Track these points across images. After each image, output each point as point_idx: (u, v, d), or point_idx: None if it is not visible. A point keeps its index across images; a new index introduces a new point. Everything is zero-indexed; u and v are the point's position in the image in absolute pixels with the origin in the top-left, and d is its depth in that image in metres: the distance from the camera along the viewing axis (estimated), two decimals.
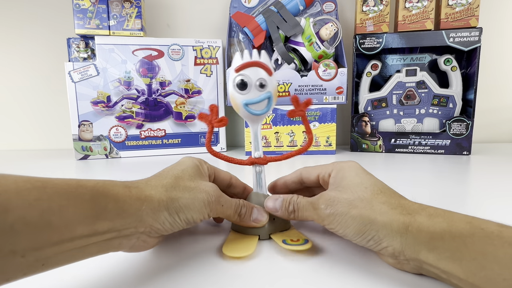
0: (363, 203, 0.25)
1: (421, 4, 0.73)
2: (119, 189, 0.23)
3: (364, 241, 0.25)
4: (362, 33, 0.77)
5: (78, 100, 0.74)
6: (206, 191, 0.27)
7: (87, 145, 0.76)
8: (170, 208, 0.25)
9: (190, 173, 0.28)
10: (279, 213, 0.30)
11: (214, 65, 0.81)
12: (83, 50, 0.77)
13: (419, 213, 0.24)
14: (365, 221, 0.24)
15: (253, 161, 0.33)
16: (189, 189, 0.27)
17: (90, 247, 0.21)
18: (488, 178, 0.55)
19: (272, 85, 0.30)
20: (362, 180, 0.28)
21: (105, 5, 0.75)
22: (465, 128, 0.73)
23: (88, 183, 0.22)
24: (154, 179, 0.27)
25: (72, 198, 0.20)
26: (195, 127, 0.82)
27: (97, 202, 0.21)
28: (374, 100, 0.79)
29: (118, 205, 0.22)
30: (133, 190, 0.24)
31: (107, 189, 0.22)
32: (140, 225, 0.23)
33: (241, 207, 0.30)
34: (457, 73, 0.74)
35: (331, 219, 0.26)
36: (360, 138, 0.80)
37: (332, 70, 0.74)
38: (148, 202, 0.24)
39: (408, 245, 0.23)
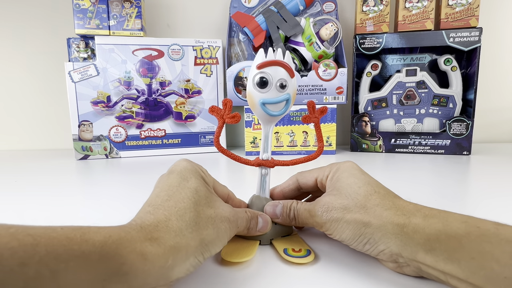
0: (357, 207, 0.25)
1: (421, 4, 0.73)
2: (137, 244, 0.18)
3: (361, 245, 0.25)
4: (362, 33, 0.77)
5: (78, 100, 0.74)
6: (226, 218, 0.25)
7: (87, 145, 0.76)
8: (197, 252, 0.22)
9: (205, 193, 0.25)
10: (280, 220, 0.30)
11: (214, 65, 0.81)
12: (83, 50, 0.77)
13: (414, 214, 0.23)
14: (359, 225, 0.24)
15: (260, 162, 0.32)
16: (211, 220, 0.23)
17: None
18: (488, 178, 0.55)
19: (293, 87, 0.29)
20: (356, 180, 0.27)
21: (105, 5, 0.74)
22: (465, 128, 0.73)
23: (96, 237, 0.17)
24: (173, 214, 0.22)
25: (73, 260, 0.15)
26: (195, 127, 0.82)
27: (108, 263, 0.17)
28: (374, 100, 0.79)
29: (137, 266, 0.18)
30: (154, 244, 0.19)
31: (122, 246, 0.18)
32: (162, 282, 0.20)
33: (250, 220, 0.28)
34: (457, 73, 0.74)
35: (328, 225, 0.26)
36: (360, 138, 0.80)
37: (332, 70, 0.74)
38: (174, 254, 0.20)
39: (405, 247, 0.22)
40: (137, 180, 0.58)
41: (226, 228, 0.24)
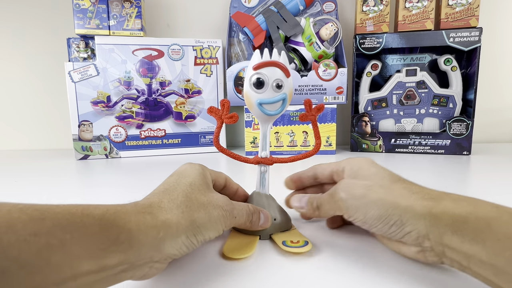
0: (383, 189, 0.25)
1: (421, 4, 0.73)
2: (132, 216, 0.21)
3: (386, 227, 0.24)
4: (362, 33, 0.77)
5: (78, 100, 0.74)
6: (219, 206, 0.26)
7: (87, 145, 0.76)
8: (188, 231, 0.23)
9: (198, 186, 0.26)
10: (305, 210, 0.30)
11: (214, 65, 0.81)
12: (83, 50, 0.77)
13: (443, 198, 0.23)
14: (387, 205, 0.24)
15: (259, 160, 0.33)
16: (203, 206, 0.25)
17: (98, 282, 0.18)
18: (488, 178, 0.55)
19: (289, 86, 0.30)
20: (379, 170, 0.27)
21: (105, 5, 0.75)
22: (465, 128, 0.73)
23: (95, 211, 0.19)
24: (166, 198, 0.24)
25: (76, 231, 0.17)
26: (195, 127, 0.82)
27: (107, 233, 0.19)
28: (374, 100, 0.79)
29: (132, 235, 0.20)
30: (147, 217, 0.22)
31: (118, 217, 0.20)
32: (156, 254, 0.21)
33: (252, 214, 0.29)
34: (457, 73, 0.74)
35: (349, 203, 0.26)
36: (360, 138, 0.80)
37: (332, 70, 0.74)
38: (165, 228, 0.22)
39: (432, 228, 0.22)
40: (137, 180, 0.58)
41: (219, 215, 0.25)
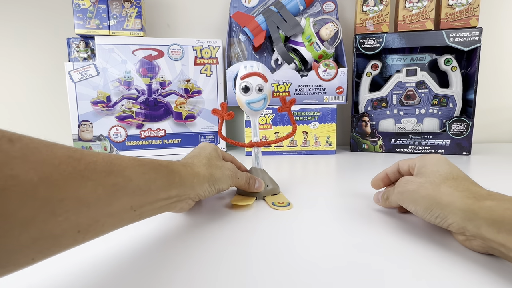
0: (432, 186, 0.29)
1: (421, 4, 0.73)
2: (180, 167, 0.32)
3: (433, 218, 0.29)
4: (362, 33, 0.77)
5: (78, 100, 0.74)
6: (229, 168, 0.38)
7: (87, 145, 0.76)
8: (210, 181, 0.35)
9: (215, 156, 0.38)
10: (381, 202, 0.38)
11: (214, 65, 0.81)
12: (83, 50, 0.77)
13: (485, 197, 0.26)
14: (431, 200, 0.29)
15: (253, 144, 0.45)
16: (218, 167, 0.37)
17: (164, 207, 0.29)
18: (488, 178, 0.55)
19: (267, 89, 0.42)
20: (439, 168, 0.31)
21: (105, 5, 0.74)
22: (465, 128, 0.73)
23: (163, 163, 0.29)
24: (196, 159, 0.36)
25: (158, 173, 0.28)
26: (195, 127, 0.82)
27: (171, 176, 0.29)
28: (374, 100, 0.79)
29: (181, 179, 0.31)
30: (188, 168, 0.33)
31: (175, 167, 0.31)
32: (192, 192, 0.32)
33: (249, 178, 0.41)
34: (457, 73, 0.74)
35: (404, 196, 0.32)
36: (360, 138, 0.80)
37: (332, 70, 0.74)
38: (197, 177, 0.33)
39: (470, 221, 0.25)
40: None
41: (228, 174, 0.37)
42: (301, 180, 0.54)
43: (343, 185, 0.51)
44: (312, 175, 0.58)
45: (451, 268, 0.25)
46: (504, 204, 0.24)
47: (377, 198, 0.39)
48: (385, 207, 0.38)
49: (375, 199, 0.39)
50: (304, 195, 0.45)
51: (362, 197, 0.43)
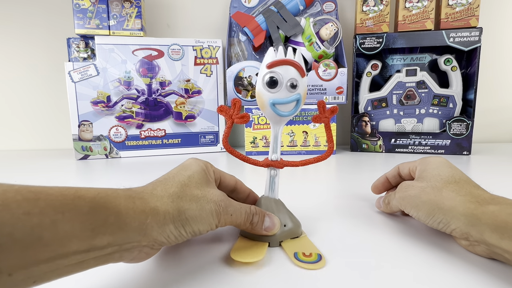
0: (434, 190, 0.29)
1: (421, 4, 0.73)
2: (121, 200, 0.22)
3: (435, 223, 0.28)
4: (362, 33, 0.77)
5: (78, 100, 0.74)
6: (214, 200, 0.26)
7: (87, 145, 0.76)
8: (176, 221, 0.24)
9: (197, 180, 0.27)
10: (382, 207, 0.36)
11: (214, 65, 0.81)
12: (83, 50, 0.77)
13: (488, 202, 0.25)
14: (433, 205, 0.28)
15: (269, 163, 0.31)
16: (196, 198, 0.25)
17: (88, 262, 0.19)
18: (488, 178, 0.55)
19: (303, 87, 0.29)
20: (441, 172, 0.30)
21: (105, 5, 0.74)
22: (465, 128, 0.73)
23: (87, 194, 0.20)
24: (160, 187, 0.25)
25: (67, 211, 0.18)
26: (195, 127, 0.82)
27: (96, 215, 0.20)
28: (374, 100, 0.79)
29: (120, 218, 0.21)
30: (137, 202, 0.22)
31: (109, 201, 0.21)
32: (143, 239, 0.22)
33: (252, 215, 0.28)
34: (457, 73, 0.74)
35: (406, 201, 0.31)
36: (360, 138, 0.80)
37: (332, 70, 0.74)
38: (153, 215, 0.23)
39: (473, 226, 0.25)
40: (137, 180, 0.58)
41: (211, 209, 0.26)
42: (305, 190, 0.54)
43: (344, 186, 0.51)
44: (315, 180, 0.58)
45: (454, 272, 0.25)
46: (507, 209, 0.24)
47: (378, 204, 0.38)
48: (386, 212, 0.37)
49: (376, 204, 0.38)
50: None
51: (362, 199, 0.43)
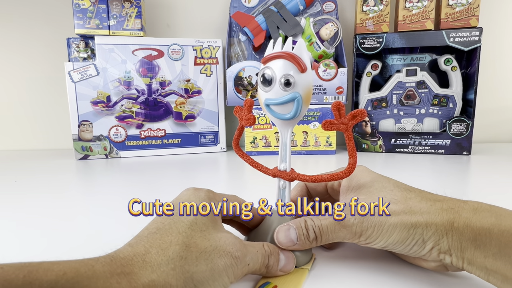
0: (399, 206, 0.23)
1: (421, 4, 0.73)
2: (99, 283, 0.15)
3: (408, 248, 0.23)
4: (362, 33, 0.77)
5: (78, 100, 0.74)
6: (227, 252, 0.20)
7: (87, 145, 0.76)
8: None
9: (201, 226, 0.21)
10: (297, 245, 0.24)
11: (214, 65, 0.81)
12: (83, 50, 0.77)
13: (462, 208, 0.22)
14: (407, 226, 0.22)
15: (276, 173, 0.27)
16: (204, 254, 0.19)
17: None
18: (488, 178, 0.55)
19: (303, 84, 0.23)
20: (383, 183, 0.25)
21: (105, 5, 0.74)
22: (465, 128, 0.73)
23: (45, 276, 0.14)
24: (155, 247, 0.19)
25: None
26: (195, 127, 0.82)
27: None
28: (374, 100, 0.79)
29: None
30: (123, 281, 0.16)
31: (79, 285, 0.14)
32: None
33: (268, 257, 0.23)
34: (457, 73, 0.74)
35: (369, 233, 0.23)
36: (360, 138, 0.80)
37: (332, 70, 0.74)
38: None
39: (454, 243, 0.21)
40: (137, 180, 0.58)
41: (226, 265, 0.20)
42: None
43: None
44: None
45: None
46: (486, 217, 0.21)
47: (286, 241, 0.24)
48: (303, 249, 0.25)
49: (281, 240, 0.25)
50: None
51: None
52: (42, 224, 0.37)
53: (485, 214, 0.21)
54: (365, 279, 0.24)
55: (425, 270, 0.25)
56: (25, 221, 0.38)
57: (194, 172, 0.63)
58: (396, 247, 0.23)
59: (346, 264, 0.27)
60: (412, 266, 0.26)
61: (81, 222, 0.38)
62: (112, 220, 0.38)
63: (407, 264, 0.26)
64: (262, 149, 0.77)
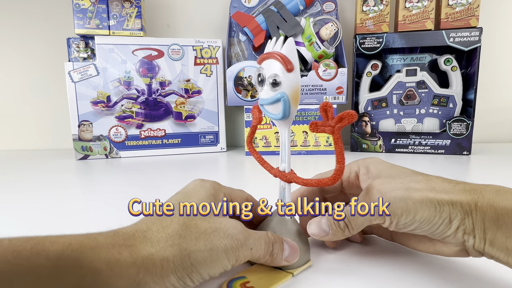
0: (422, 185, 0.23)
1: (421, 4, 0.73)
2: (102, 253, 0.16)
3: (434, 227, 0.22)
4: (362, 33, 0.77)
5: (78, 100, 0.74)
6: (229, 234, 0.21)
7: (87, 145, 0.76)
8: (178, 271, 0.18)
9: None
10: (330, 235, 0.24)
11: (214, 65, 0.81)
12: (83, 50, 0.77)
13: (484, 189, 0.22)
14: (434, 203, 0.22)
15: (276, 174, 0.27)
16: (204, 234, 0.20)
17: None
18: (488, 178, 0.55)
19: (289, 84, 0.23)
20: (401, 169, 0.25)
21: (105, 5, 0.74)
22: (465, 128, 0.73)
23: (52, 247, 0.15)
24: (156, 224, 0.20)
25: (20, 277, 0.13)
26: (195, 127, 0.82)
27: (64, 278, 0.14)
28: (374, 100, 0.79)
29: (101, 278, 0.15)
30: (124, 252, 0.17)
31: (83, 255, 0.15)
32: None
33: (272, 244, 0.23)
34: (457, 73, 0.74)
35: (395, 208, 0.22)
36: (360, 138, 0.80)
37: (332, 70, 0.74)
38: (147, 267, 0.17)
39: (478, 223, 0.21)
40: (137, 180, 0.58)
41: (226, 247, 0.20)
42: None
43: None
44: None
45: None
46: (509, 199, 0.22)
47: (319, 231, 0.25)
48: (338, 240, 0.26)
49: (313, 231, 0.25)
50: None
51: None
52: (42, 224, 0.37)
53: (507, 195, 0.21)
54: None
55: (422, 277, 0.25)
56: (25, 221, 0.38)
57: (194, 172, 0.63)
58: (423, 226, 0.22)
59: (344, 268, 0.27)
60: (411, 268, 0.26)
61: (81, 222, 0.38)
62: (112, 220, 0.38)
63: (408, 263, 0.26)
64: (262, 149, 0.77)
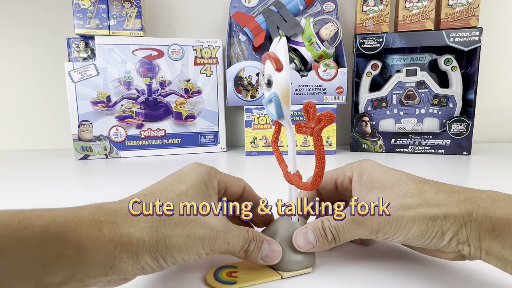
0: (415, 200, 0.22)
1: (421, 4, 0.73)
2: (84, 228, 0.17)
3: (427, 241, 0.22)
4: (362, 33, 0.77)
5: (78, 100, 0.74)
6: (209, 225, 0.21)
7: (87, 145, 0.76)
8: (153, 251, 0.20)
9: (191, 198, 0.22)
10: (317, 247, 0.24)
11: (214, 65, 0.81)
12: (83, 50, 0.77)
13: (480, 197, 0.22)
14: (426, 219, 0.22)
15: (284, 174, 0.27)
16: (184, 222, 0.21)
17: None
18: (488, 178, 0.55)
19: (279, 83, 0.23)
20: (396, 176, 0.25)
21: (105, 5, 0.74)
22: (465, 128, 0.73)
23: (37, 221, 0.16)
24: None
25: (8, 247, 0.15)
26: (195, 127, 0.82)
27: (48, 249, 0.16)
28: (374, 100, 0.79)
29: (81, 251, 0.17)
30: (104, 228, 0.18)
31: (67, 229, 0.17)
32: (111, 272, 0.18)
33: (249, 242, 0.24)
34: (457, 73, 0.74)
35: (387, 228, 0.23)
36: (360, 138, 0.80)
37: (332, 70, 0.74)
38: (124, 244, 0.18)
39: (473, 234, 0.21)
40: (137, 180, 0.58)
41: (203, 236, 0.21)
42: None
43: None
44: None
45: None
46: (505, 207, 0.21)
47: (305, 244, 0.25)
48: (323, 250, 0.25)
49: (300, 244, 0.25)
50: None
51: None
52: None
53: (503, 204, 0.21)
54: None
55: (425, 274, 0.25)
56: None
57: None
58: (415, 241, 0.23)
59: (346, 268, 0.27)
60: (414, 268, 0.26)
61: None
62: None
63: (407, 265, 0.26)
64: (262, 149, 0.78)
